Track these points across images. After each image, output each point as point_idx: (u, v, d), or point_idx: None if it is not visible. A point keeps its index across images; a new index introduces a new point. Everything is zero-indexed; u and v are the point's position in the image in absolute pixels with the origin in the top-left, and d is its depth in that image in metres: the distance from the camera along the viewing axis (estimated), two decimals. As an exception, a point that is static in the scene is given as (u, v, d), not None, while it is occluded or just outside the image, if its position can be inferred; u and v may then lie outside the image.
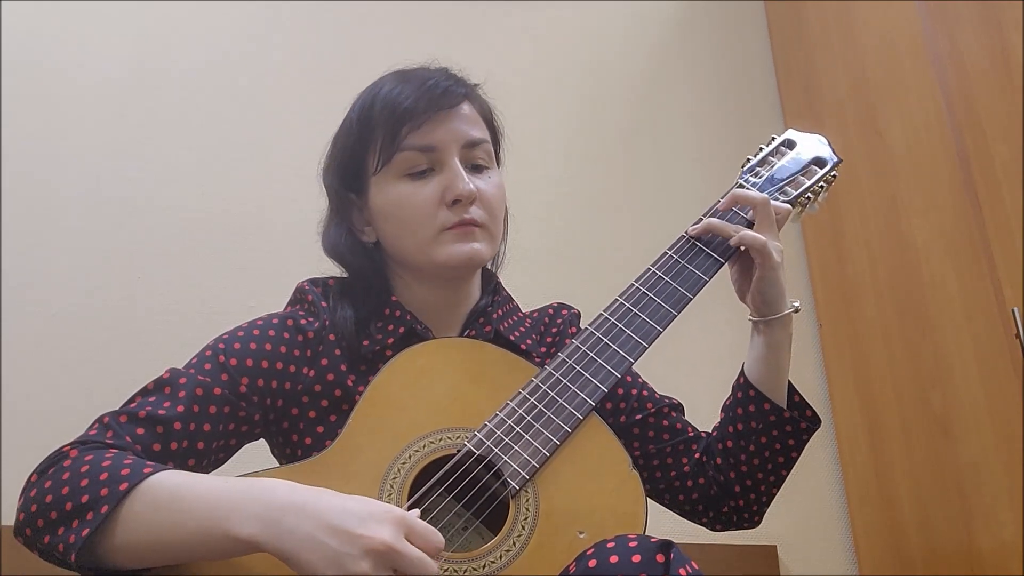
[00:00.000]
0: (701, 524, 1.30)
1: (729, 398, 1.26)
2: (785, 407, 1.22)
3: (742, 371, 1.25)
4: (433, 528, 0.87)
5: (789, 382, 1.24)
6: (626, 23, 2.47)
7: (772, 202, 1.21)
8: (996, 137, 1.71)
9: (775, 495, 1.27)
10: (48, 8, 2.03)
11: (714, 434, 1.28)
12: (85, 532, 0.87)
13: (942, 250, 1.80)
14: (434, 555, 0.85)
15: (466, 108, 1.22)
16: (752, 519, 1.28)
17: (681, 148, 2.37)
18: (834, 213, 2.12)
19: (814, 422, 1.24)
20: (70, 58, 2.01)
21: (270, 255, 1.97)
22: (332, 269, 1.28)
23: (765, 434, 1.21)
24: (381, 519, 0.84)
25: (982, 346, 1.69)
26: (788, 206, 1.25)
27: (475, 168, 1.21)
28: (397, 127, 1.17)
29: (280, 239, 1.98)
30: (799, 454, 1.24)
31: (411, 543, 0.84)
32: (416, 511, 0.90)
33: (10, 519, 1.56)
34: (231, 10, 2.17)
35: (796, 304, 1.22)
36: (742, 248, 1.18)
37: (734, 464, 1.23)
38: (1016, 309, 1.61)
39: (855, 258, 2.08)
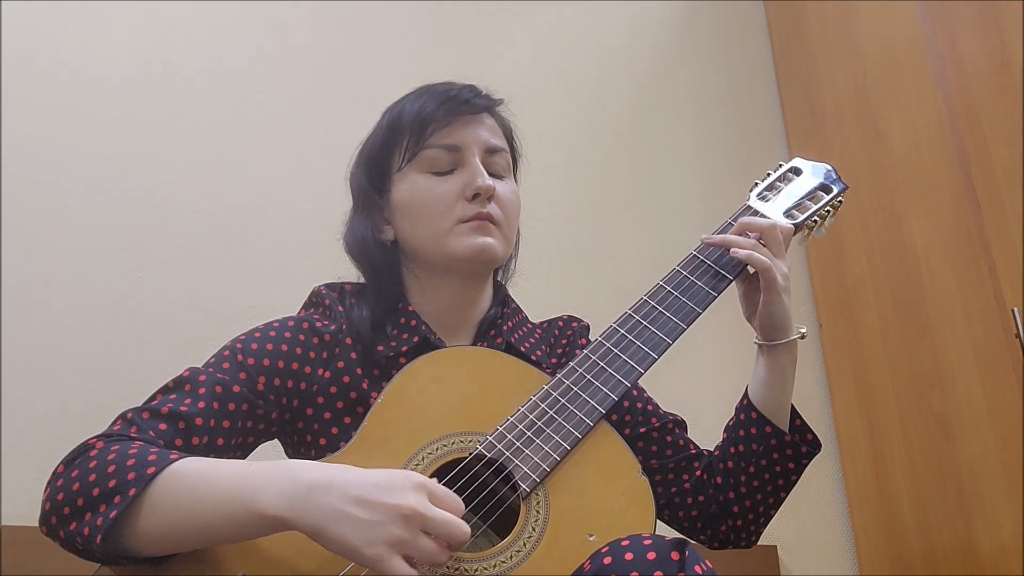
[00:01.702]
0: (699, 541, 1.31)
1: (732, 419, 1.28)
2: (787, 430, 1.24)
3: (746, 393, 1.27)
4: (452, 492, 0.90)
5: (792, 406, 1.26)
6: (626, 23, 2.48)
7: (778, 223, 1.23)
8: (996, 138, 1.71)
9: (772, 516, 1.29)
10: (49, 8, 2.02)
11: (716, 453, 1.29)
12: (113, 514, 0.89)
13: (942, 251, 1.81)
14: (460, 516, 0.88)
15: (488, 119, 1.28)
16: (749, 539, 1.29)
17: (681, 149, 2.37)
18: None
19: (814, 447, 1.26)
20: (71, 58, 2.01)
21: (272, 255, 1.97)
22: (336, 270, 1.30)
23: (765, 457, 1.23)
24: (404, 486, 0.87)
25: (982, 346, 1.69)
26: (791, 225, 1.27)
27: (494, 175, 1.25)
28: (423, 127, 1.23)
29: (282, 239, 1.98)
30: (798, 477, 1.26)
31: (438, 507, 0.87)
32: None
33: (11, 519, 1.57)
34: (233, 11, 2.17)
35: (803, 330, 1.24)
36: (751, 269, 1.21)
37: (733, 484, 1.25)
38: (1016, 309, 1.61)
39: (855, 259, 2.08)
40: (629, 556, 0.84)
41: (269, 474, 0.90)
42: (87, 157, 1.94)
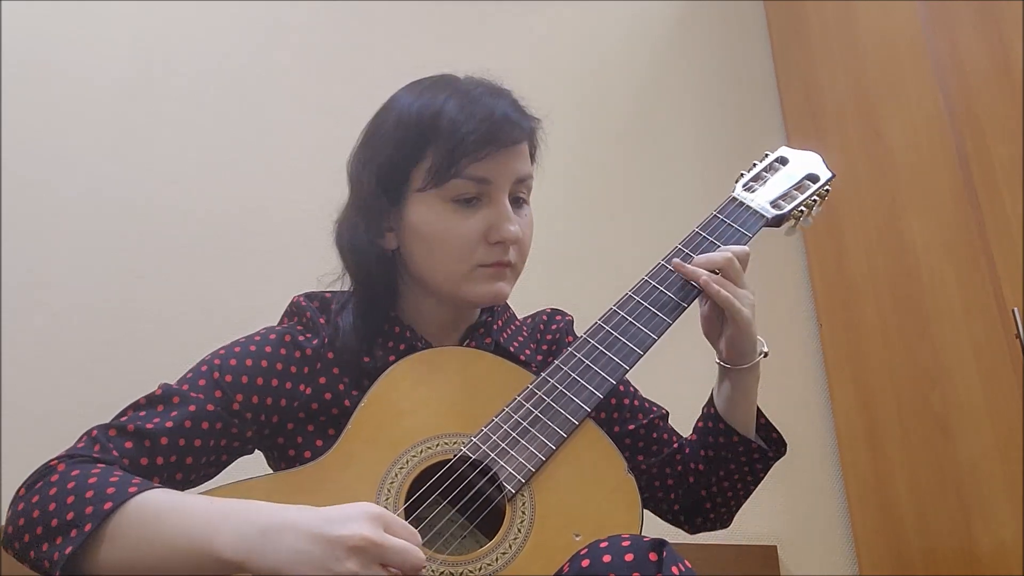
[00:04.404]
0: (684, 529, 1.34)
1: (700, 422, 1.28)
2: (753, 437, 1.24)
3: (711, 400, 1.26)
4: (407, 524, 0.89)
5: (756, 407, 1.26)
6: (626, 23, 2.47)
7: (732, 249, 1.19)
8: (996, 137, 1.71)
9: (744, 503, 1.31)
10: (50, 8, 2.03)
11: (687, 452, 1.29)
12: (68, 550, 0.88)
13: (942, 250, 1.80)
14: (416, 544, 0.86)
15: (525, 142, 1.20)
16: (725, 524, 1.33)
17: (681, 148, 2.37)
18: (834, 213, 2.12)
19: (780, 446, 1.27)
20: (71, 58, 2.01)
21: (271, 255, 1.97)
22: (333, 272, 1.28)
23: (734, 462, 1.24)
24: (358, 518, 0.85)
25: (982, 346, 1.69)
26: (746, 249, 1.22)
27: (515, 202, 1.19)
28: (457, 155, 1.12)
29: (281, 239, 1.98)
30: (766, 474, 1.27)
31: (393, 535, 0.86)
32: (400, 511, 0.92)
33: (10, 519, 1.58)
34: (233, 11, 2.17)
35: (765, 350, 1.22)
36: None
37: (705, 484, 1.27)
38: (1016, 309, 1.61)
39: (855, 258, 2.08)
40: (607, 558, 0.84)
41: (225, 516, 0.88)
42: (87, 157, 1.95)
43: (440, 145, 1.13)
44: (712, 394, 1.26)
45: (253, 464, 1.16)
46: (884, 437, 1.95)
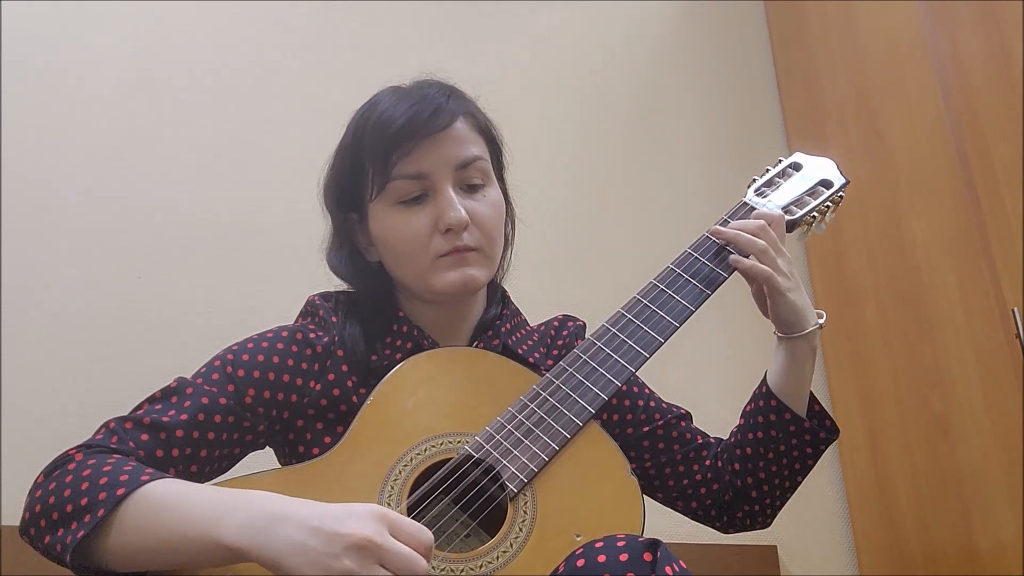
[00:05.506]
0: (715, 528, 1.32)
1: (749, 405, 1.28)
2: (805, 417, 1.24)
3: (764, 380, 1.27)
4: (420, 525, 0.87)
5: (811, 392, 1.26)
6: (626, 23, 2.47)
7: (765, 214, 1.23)
8: (996, 137, 1.71)
9: (788, 499, 1.29)
10: (49, 9, 2.03)
11: (731, 440, 1.30)
12: (80, 534, 0.90)
13: (942, 250, 1.81)
14: (423, 551, 0.85)
15: (459, 126, 1.19)
16: (766, 521, 1.31)
17: (681, 148, 2.37)
18: (834, 213, 2.13)
19: (832, 432, 1.26)
20: (71, 58, 2.01)
21: (270, 256, 1.97)
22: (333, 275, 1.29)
23: (784, 443, 1.23)
24: (362, 516, 0.84)
25: (982, 346, 1.69)
26: (779, 212, 1.26)
27: (470, 188, 1.20)
28: (387, 155, 1.16)
29: (280, 240, 1.98)
30: (815, 462, 1.26)
31: (397, 539, 0.84)
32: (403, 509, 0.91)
33: (11, 519, 1.58)
34: (232, 11, 2.17)
35: (821, 321, 1.24)
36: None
37: (752, 470, 1.26)
38: (1016, 309, 1.61)
39: (855, 258, 2.08)
40: (602, 558, 0.84)
41: (231, 505, 0.89)
42: (87, 157, 1.94)
43: (373, 150, 1.17)
44: (764, 376, 1.27)
45: (265, 460, 1.16)
46: (884, 437, 1.95)
